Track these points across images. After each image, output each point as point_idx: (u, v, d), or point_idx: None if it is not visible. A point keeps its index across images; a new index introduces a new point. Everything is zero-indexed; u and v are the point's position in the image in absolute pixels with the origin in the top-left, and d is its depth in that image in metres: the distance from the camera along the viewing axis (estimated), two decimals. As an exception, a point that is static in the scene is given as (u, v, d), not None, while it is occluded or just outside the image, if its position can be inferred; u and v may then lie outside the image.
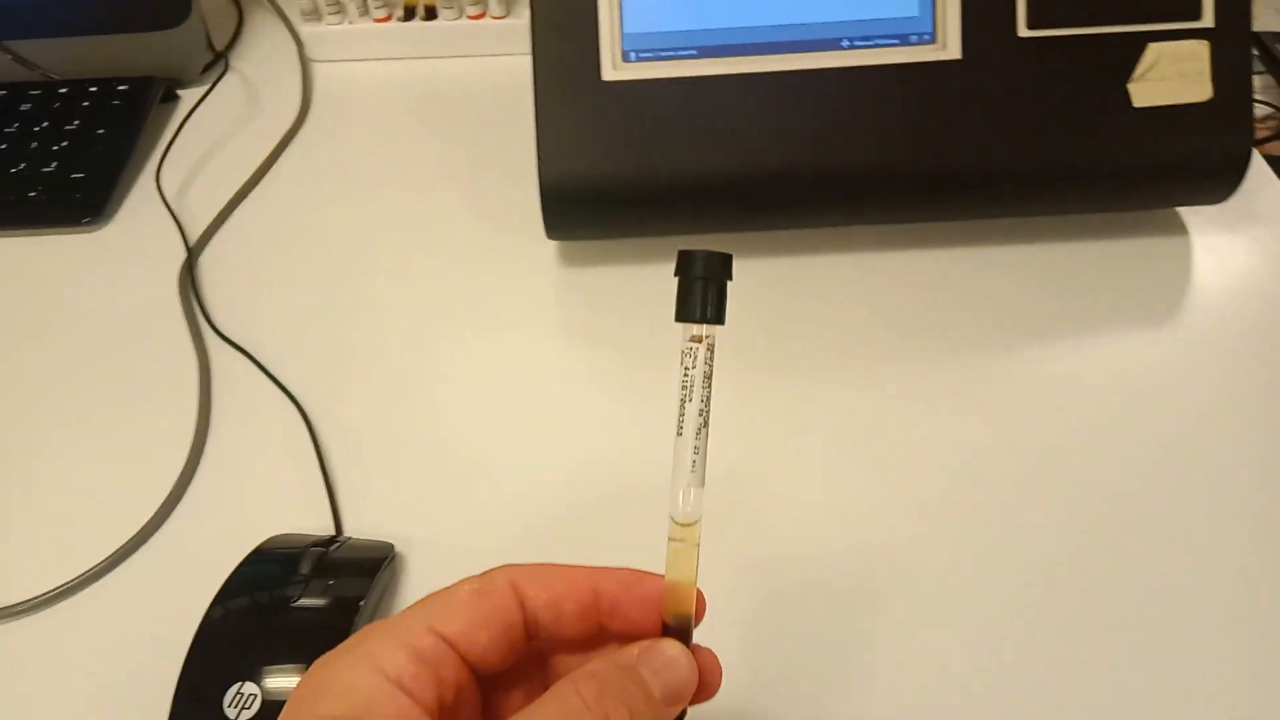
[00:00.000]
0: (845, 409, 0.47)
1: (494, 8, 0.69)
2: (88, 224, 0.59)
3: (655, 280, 0.53)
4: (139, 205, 0.61)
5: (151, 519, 0.44)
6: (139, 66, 0.68)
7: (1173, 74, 0.47)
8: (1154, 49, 0.47)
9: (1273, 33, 1.03)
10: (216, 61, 0.71)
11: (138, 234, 0.59)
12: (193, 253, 0.56)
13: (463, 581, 0.28)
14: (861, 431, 0.46)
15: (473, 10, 0.69)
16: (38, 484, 0.46)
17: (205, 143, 0.65)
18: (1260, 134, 0.95)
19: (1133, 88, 0.48)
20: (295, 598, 0.39)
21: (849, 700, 0.37)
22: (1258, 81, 1.00)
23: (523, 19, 0.69)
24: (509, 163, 0.60)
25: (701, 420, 0.27)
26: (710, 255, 0.27)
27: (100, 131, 0.63)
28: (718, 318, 0.27)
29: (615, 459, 0.46)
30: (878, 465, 0.44)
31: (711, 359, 0.27)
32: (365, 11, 0.69)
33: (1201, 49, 0.47)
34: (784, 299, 0.52)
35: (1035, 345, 0.49)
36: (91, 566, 0.43)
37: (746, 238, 0.54)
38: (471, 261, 0.55)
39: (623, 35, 0.50)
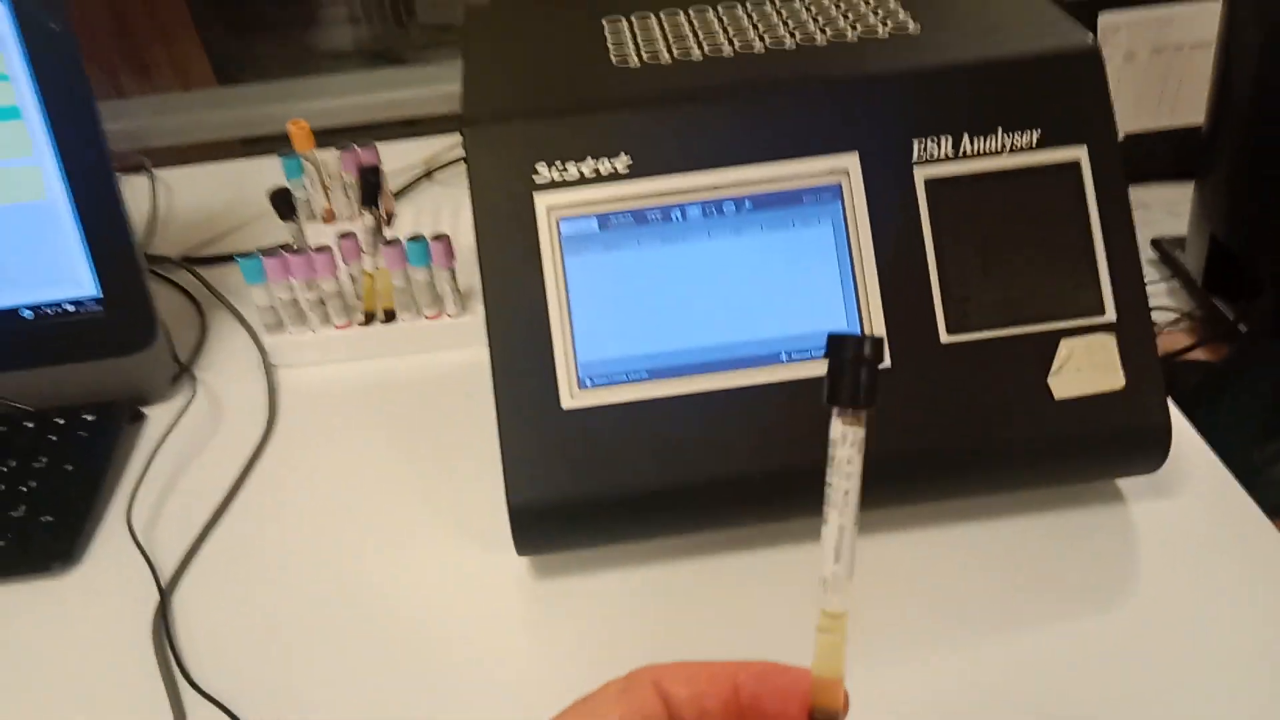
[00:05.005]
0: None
1: (449, 307, 0.72)
2: (55, 569, 0.59)
3: (627, 584, 0.54)
4: (108, 543, 0.61)
5: None
6: (107, 390, 0.69)
7: (1087, 365, 0.51)
8: (1066, 345, 0.52)
9: (1172, 238, 1.11)
10: (181, 375, 0.73)
11: (107, 576, 0.59)
12: (165, 594, 0.57)
13: (609, 684, 0.29)
14: None
15: (429, 311, 0.72)
16: None
17: (172, 464, 0.66)
18: (1178, 343, 1.00)
19: (1052, 381, 0.51)
20: None
21: None
22: (1163, 287, 1.07)
23: (478, 315, 0.73)
24: (475, 456, 0.62)
25: (851, 508, 0.28)
26: (861, 339, 0.27)
27: (68, 468, 0.64)
28: (870, 400, 0.27)
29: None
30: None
31: (862, 444, 0.27)
32: (326, 319, 0.72)
33: (1109, 341, 0.52)
34: (748, 590, 0.53)
35: (981, 625, 0.51)
36: None
37: (707, 537, 0.56)
38: (449, 582, 0.56)
39: (577, 364, 0.53)
